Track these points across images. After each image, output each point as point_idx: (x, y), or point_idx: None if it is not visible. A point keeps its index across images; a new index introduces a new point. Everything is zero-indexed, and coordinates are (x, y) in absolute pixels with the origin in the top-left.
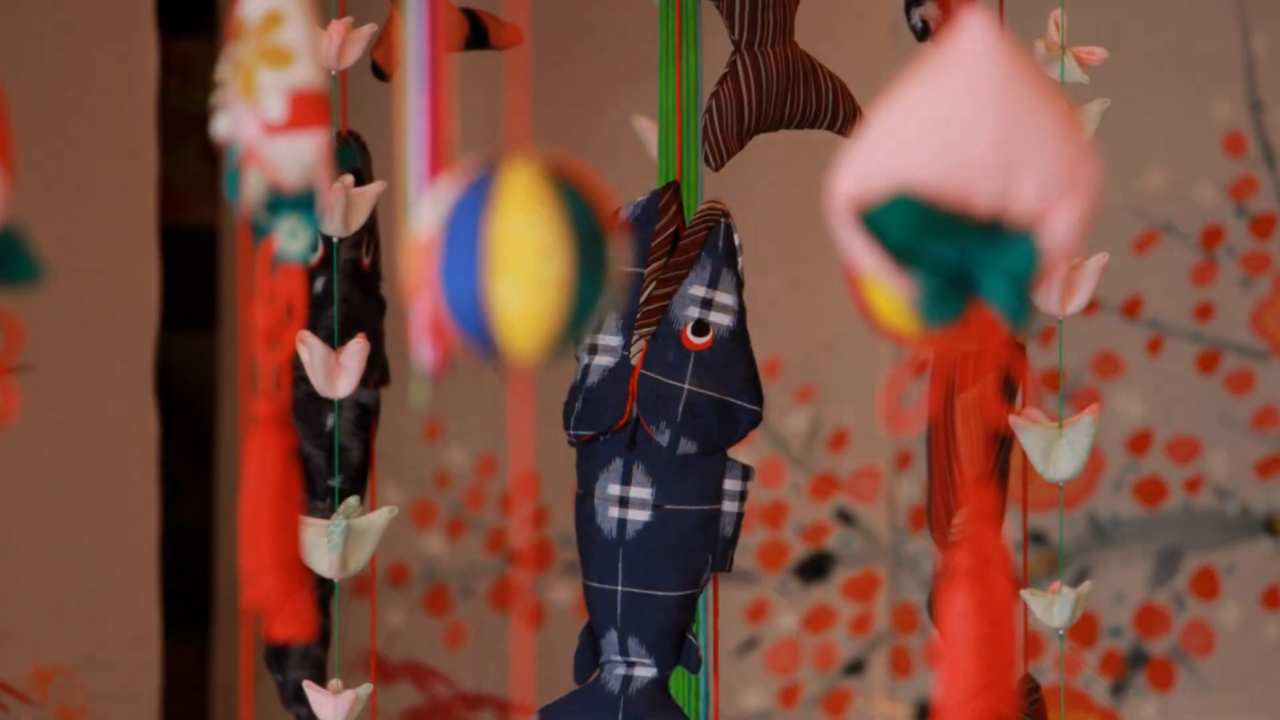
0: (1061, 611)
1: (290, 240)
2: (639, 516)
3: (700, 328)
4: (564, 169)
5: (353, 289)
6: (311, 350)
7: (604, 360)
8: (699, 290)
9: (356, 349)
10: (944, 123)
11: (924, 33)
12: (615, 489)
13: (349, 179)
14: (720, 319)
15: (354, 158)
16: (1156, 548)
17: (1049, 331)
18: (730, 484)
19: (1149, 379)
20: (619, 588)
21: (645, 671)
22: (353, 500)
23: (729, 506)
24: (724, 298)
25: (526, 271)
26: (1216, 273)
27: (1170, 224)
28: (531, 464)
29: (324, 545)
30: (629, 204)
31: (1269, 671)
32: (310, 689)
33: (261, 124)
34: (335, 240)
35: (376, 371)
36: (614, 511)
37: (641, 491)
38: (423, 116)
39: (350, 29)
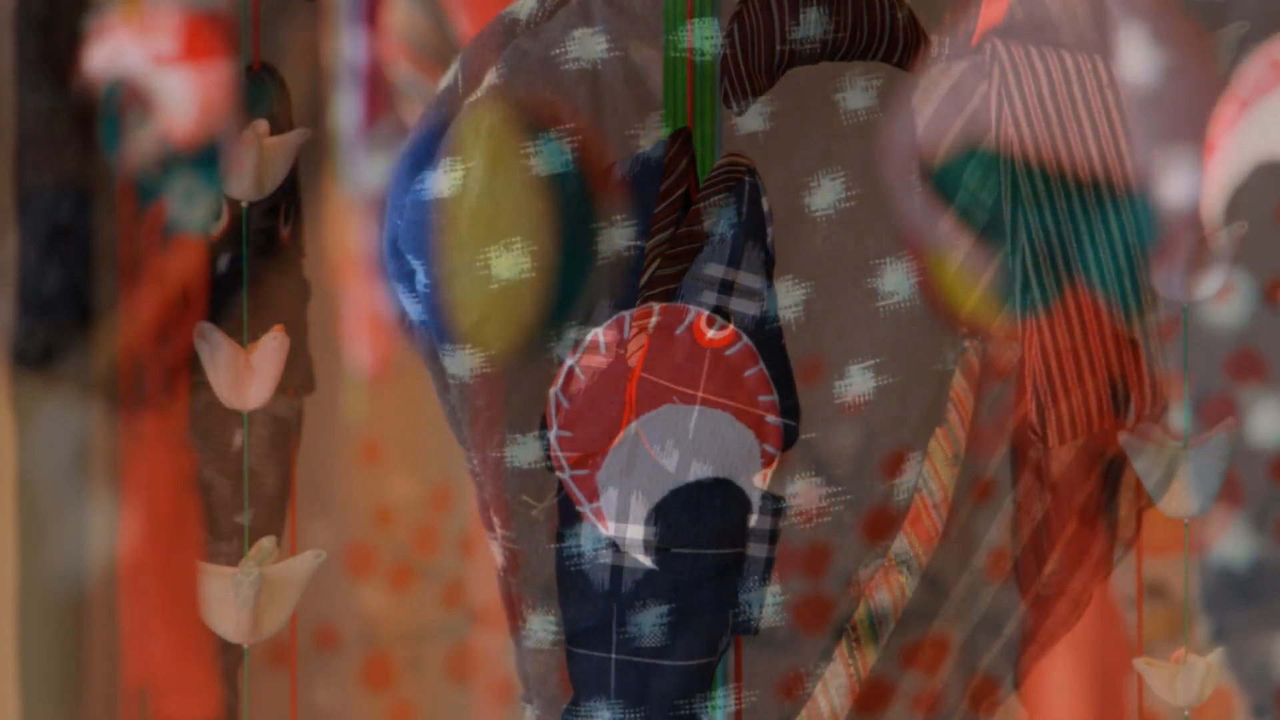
0: (1187, 686)
1: (186, 205)
2: (638, 563)
3: (718, 318)
4: (539, 112)
5: (267, 268)
6: (213, 347)
7: (593, 360)
8: (716, 270)
9: (272, 346)
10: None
11: None
12: (608, 528)
13: (262, 125)
14: (743, 307)
15: (269, 98)
16: None
17: (1170, 323)
18: (756, 521)
19: None
20: (613, 655)
21: None
22: (267, 542)
23: (755, 550)
24: (748, 280)
25: (492, 245)
26: None
27: None
28: (499, 495)
29: (230, 600)
30: (626, 158)
31: None
32: None
33: (150, 55)
34: (245, 205)
35: (297, 375)
36: (606, 557)
37: (641, 530)
38: (358, 46)
39: None
